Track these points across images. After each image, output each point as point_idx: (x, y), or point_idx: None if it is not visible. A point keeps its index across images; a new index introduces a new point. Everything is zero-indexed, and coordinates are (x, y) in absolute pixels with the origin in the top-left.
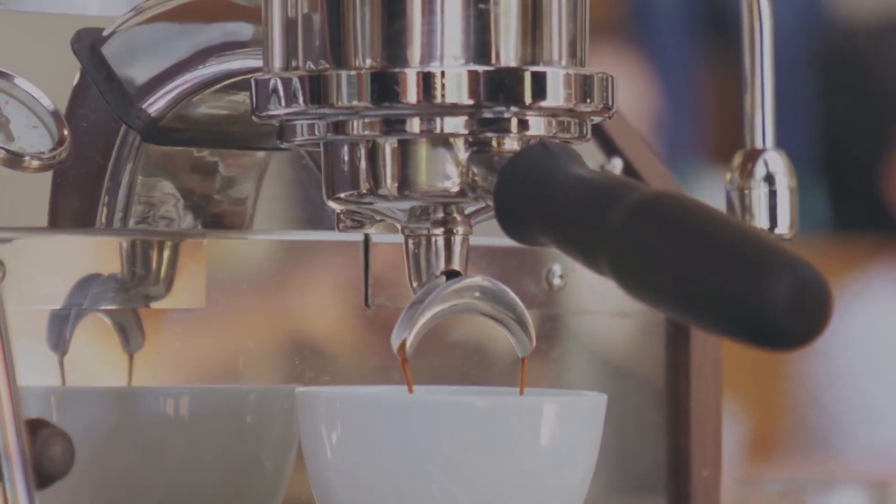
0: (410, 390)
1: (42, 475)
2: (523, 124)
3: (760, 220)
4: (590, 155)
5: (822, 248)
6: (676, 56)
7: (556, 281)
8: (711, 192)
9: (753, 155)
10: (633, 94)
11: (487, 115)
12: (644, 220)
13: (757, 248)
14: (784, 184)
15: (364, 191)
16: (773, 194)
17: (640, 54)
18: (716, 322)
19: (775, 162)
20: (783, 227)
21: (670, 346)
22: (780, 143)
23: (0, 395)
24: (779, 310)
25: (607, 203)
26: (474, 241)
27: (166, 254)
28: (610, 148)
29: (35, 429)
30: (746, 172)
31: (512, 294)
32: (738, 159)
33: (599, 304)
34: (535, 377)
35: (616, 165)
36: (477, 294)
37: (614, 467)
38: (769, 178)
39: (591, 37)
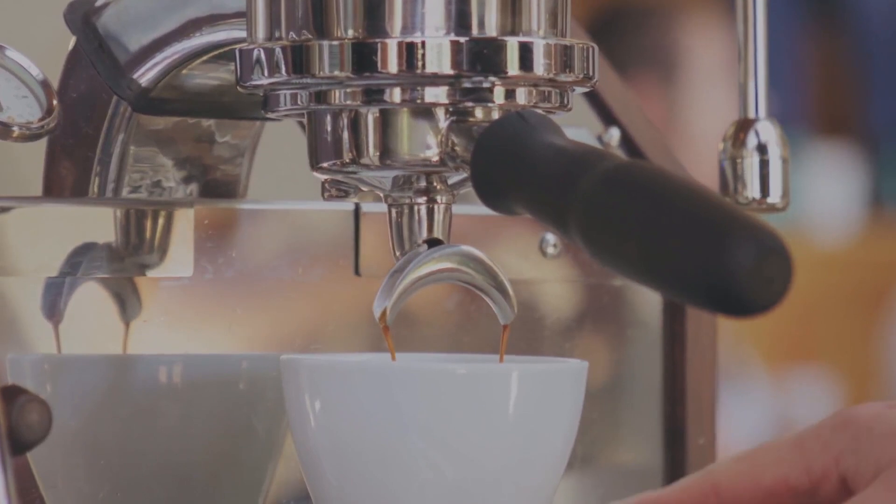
0: (393, 358)
1: (19, 442)
2: (503, 94)
3: (752, 190)
4: (587, 125)
5: None
6: (780, 28)
7: (550, 250)
8: (815, 163)
9: (746, 125)
10: (735, 66)
11: (467, 84)
12: (613, 188)
13: (720, 216)
14: (776, 153)
15: (347, 160)
16: (764, 163)
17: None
18: (678, 289)
19: (767, 131)
20: (775, 197)
21: (666, 315)
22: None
23: None
24: (740, 277)
25: (579, 171)
26: (469, 210)
27: (156, 222)
28: (608, 118)
29: (11, 396)
30: (739, 142)
31: (492, 261)
32: (730, 129)
33: (594, 273)
34: (527, 345)
35: (613, 135)
36: (457, 262)
37: (610, 436)
38: (761, 148)
39: (696, 8)
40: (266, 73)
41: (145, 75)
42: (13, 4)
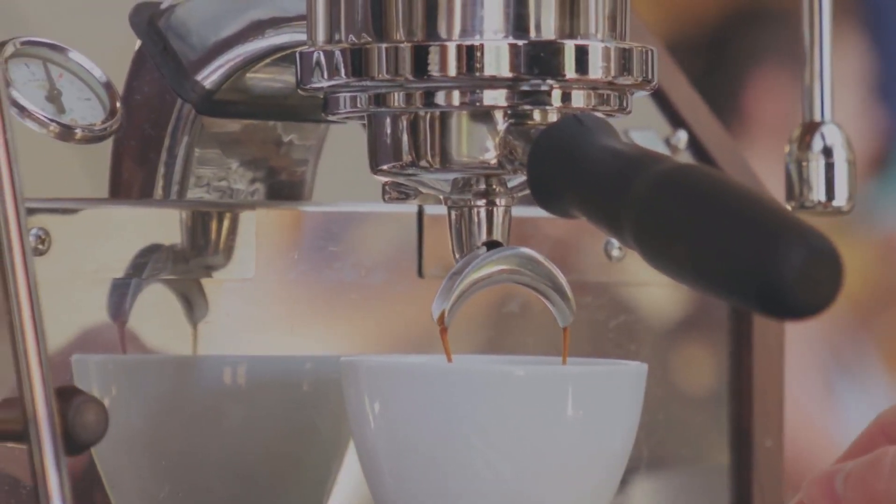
0: (449, 359)
1: (75, 442)
2: (561, 97)
3: (818, 193)
4: (656, 127)
5: None
6: None
7: (616, 252)
8: None
9: (812, 128)
10: (853, 66)
11: (525, 87)
12: (666, 190)
13: (771, 219)
14: (842, 157)
15: (406, 162)
16: (830, 167)
17: (862, 26)
18: (729, 292)
19: (833, 135)
20: (841, 200)
21: (733, 315)
22: None
23: (29, 362)
24: (789, 279)
25: (634, 174)
26: (533, 213)
27: (218, 225)
28: (676, 121)
29: (68, 396)
30: (804, 145)
31: (550, 264)
32: (796, 132)
33: (660, 275)
34: (592, 348)
35: (681, 138)
36: (516, 264)
37: (676, 437)
38: (827, 151)
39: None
40: (326, 75)
41: (209, 77)
42: (79, 7)
